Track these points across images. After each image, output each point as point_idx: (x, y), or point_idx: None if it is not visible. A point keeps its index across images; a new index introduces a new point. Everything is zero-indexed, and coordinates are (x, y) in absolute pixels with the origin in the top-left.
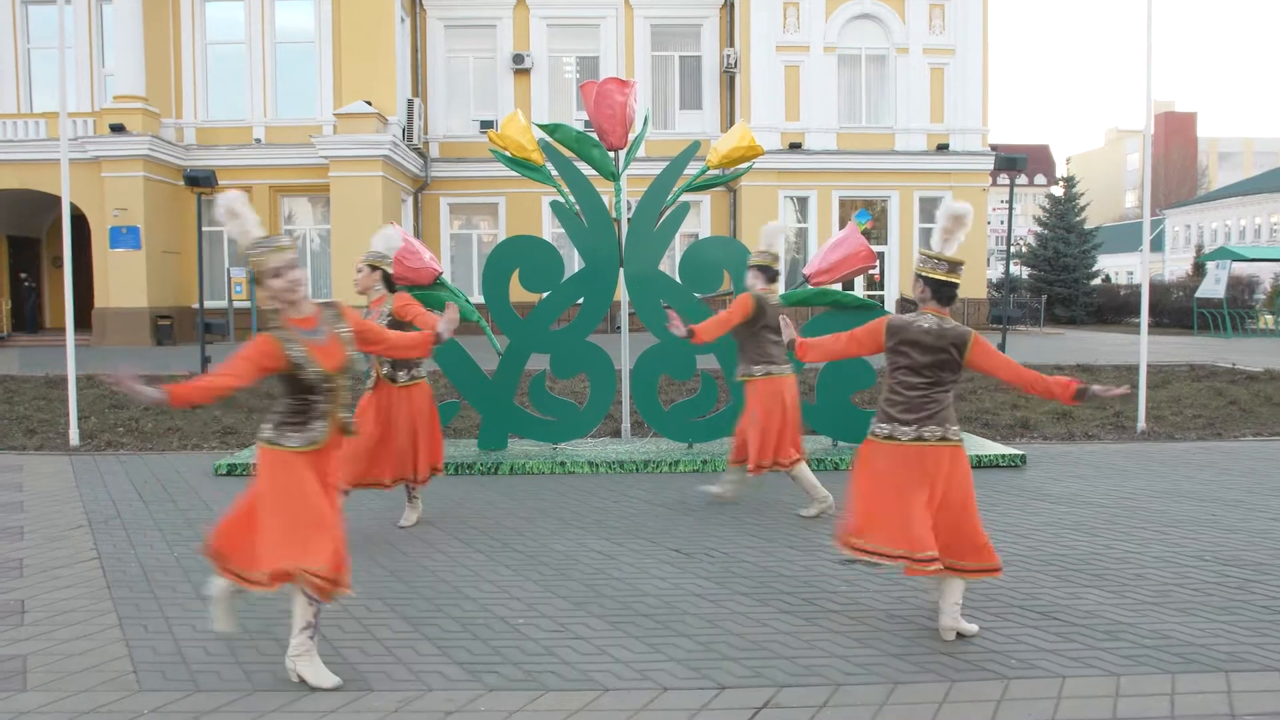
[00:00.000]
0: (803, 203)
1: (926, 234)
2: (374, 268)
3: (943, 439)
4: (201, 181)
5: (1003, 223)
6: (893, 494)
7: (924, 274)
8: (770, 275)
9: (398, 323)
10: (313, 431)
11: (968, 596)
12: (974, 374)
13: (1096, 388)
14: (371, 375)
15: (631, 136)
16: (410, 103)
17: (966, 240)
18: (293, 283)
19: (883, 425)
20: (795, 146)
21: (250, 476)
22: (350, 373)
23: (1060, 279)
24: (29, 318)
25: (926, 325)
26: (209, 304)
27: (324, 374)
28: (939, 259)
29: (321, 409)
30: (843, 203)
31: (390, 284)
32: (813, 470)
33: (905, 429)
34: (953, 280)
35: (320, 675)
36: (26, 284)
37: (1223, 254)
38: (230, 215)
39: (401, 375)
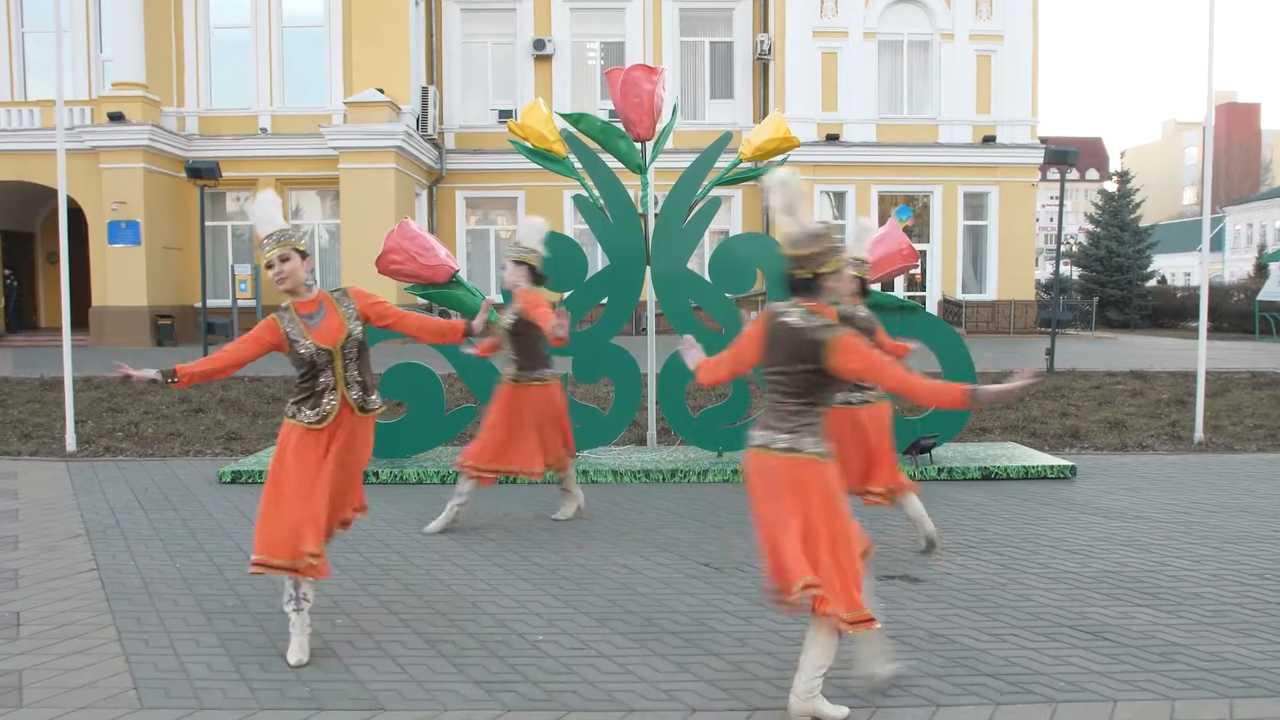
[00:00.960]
0: (840, 198)
1: (971, 231)
2: (519, 263)
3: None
4: (204, 173)
5: (1052, 220)
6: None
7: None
8: (535, 275)
9: (525, 321)
10: (324, 406)
11: (1010, 616)
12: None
13: (989, 388)
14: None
15: (659, 127)
16: (425, 91)
17: (1014, 238)
18: (279, 275)
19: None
20: (832, 138)
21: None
22: (350, 348)
23: (1113, 280)
24: (11, 315)
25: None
26: (212, 303)
27: (318, 348)
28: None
29: (327, 383)
30: (882, 198)
31: (537, 279)
32: None
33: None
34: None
35: (294, 649)
36: (9, 281)
37: None
38: (265, 212)
39: (525, 376)
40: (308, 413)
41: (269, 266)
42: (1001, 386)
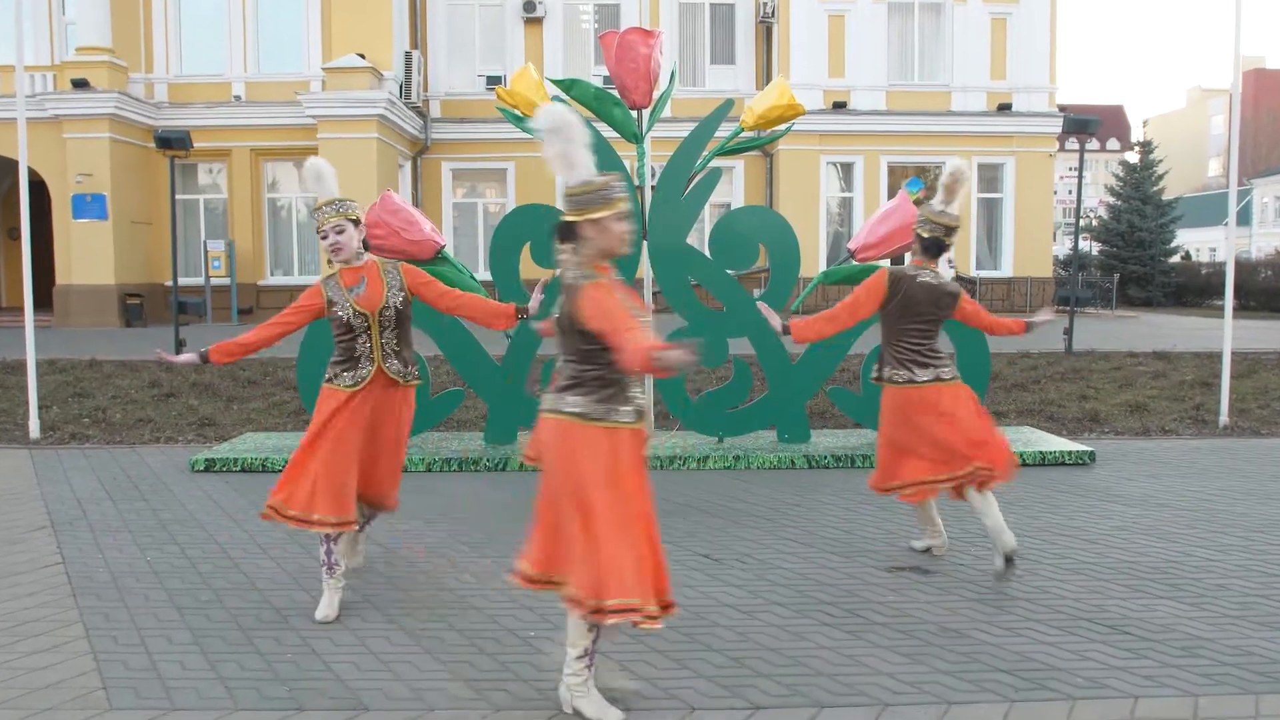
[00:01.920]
0: (848, 169)
1: (986, 204)
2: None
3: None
4: (175, 143)
5: (1071, 193)
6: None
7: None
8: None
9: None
10: (360, 371)
11: (1026, 609)
12: (1036, 362)
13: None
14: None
15: (656, 94)
16: (408, 56)
17: (1031, 212)
18: (335, 246)
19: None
20: (840, 106)
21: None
22: (388, 315)
23: (1135, 256)
24: None
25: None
26: (183, 281)
27: (355, 311)
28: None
29: (364, 348)
30: (892, 169)
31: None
32: (837, 467)
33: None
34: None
35: (322, 604)
36: None
37: None
38: (317, 179)
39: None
40: (345, 376)
41: (323, 237)
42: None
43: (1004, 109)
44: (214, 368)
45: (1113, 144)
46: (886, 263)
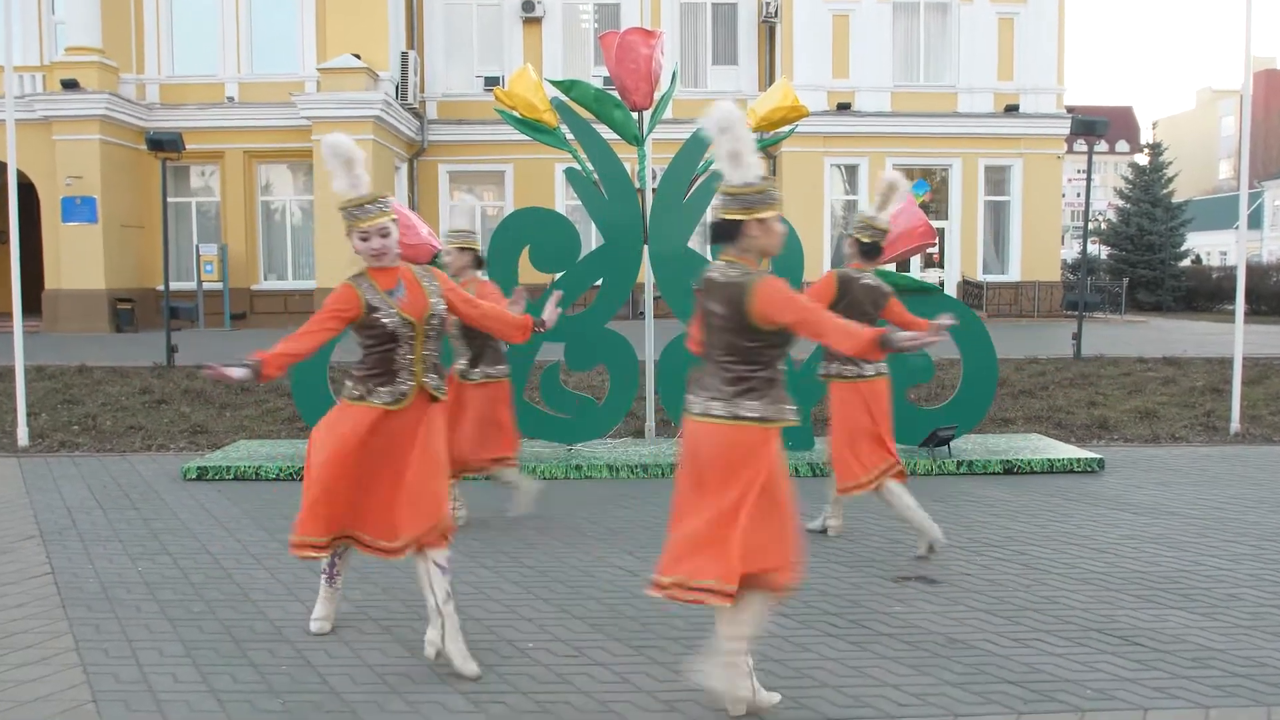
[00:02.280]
0: (852, 171)
1: (993, 207)
2: (464, 249)
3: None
4: (166, 145)
5: (1079, 195)
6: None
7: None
8: (479, 260)
9: None
10: (401, 385)
11: (1034, 619)
12: (1044, 368)
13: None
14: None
15: (658, 95)
16: (405, 56)
17: (1038, 215)
18: (380, 249)
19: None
20: (844, 107)
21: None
22: (434, 324)
23: (1144, 260)
24: None
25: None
26: (175, 285)
27: (403, 319)
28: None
29: (405, 361)
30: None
31: (480, 264)
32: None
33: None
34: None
35: (315, 614)
36: None
37: None
38: (346, 165)
39: (474, 373)
40: (382, 392)
41: (363, 238)
42: (910, 334)
43: (1011, 110)
44: (260, 384)
45: (1122, 146)
46: (892, 266)
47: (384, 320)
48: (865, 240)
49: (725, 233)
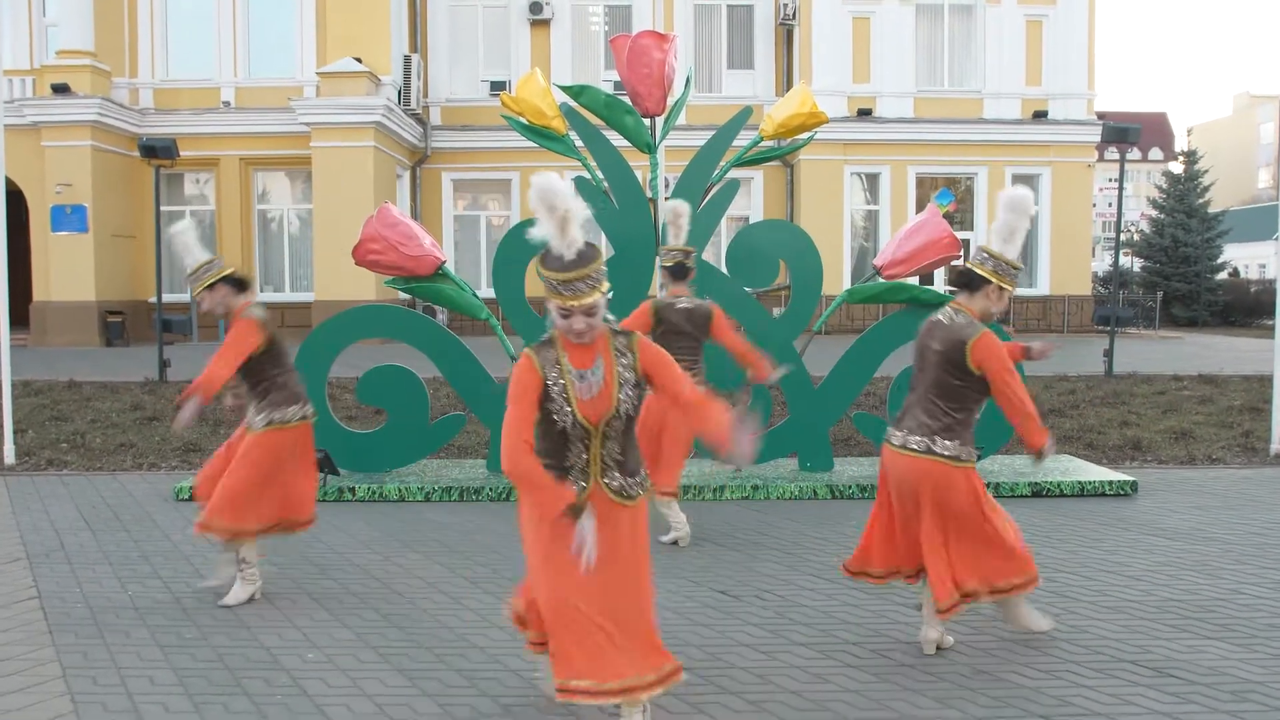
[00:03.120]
0: (873, 180)
1: None
2: (228, 280)
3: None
4: (160, 152)
5: (1111, 205)
6: None
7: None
8: (241, 285)
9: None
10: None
11: (1064, 650)
12: (1074, 385)
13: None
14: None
15: (671, 101)
16: (408, 60)
17: (1068, 226)
18: (578, 332)
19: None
20: (865, 113)
21: None
22: (616, 425)
23: (1179, 273)
24: None
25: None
26: (168, 298)
27: (575, 421)
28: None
29: (577, 462)
30: (921, 180)
31: (242, 286)
32: None
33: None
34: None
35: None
36: None
37: None
38: (560, 224)
39: (259, 420)
40: None
41: (566, 315)
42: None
43: (1039, 116)
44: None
45: (1155, 154)
46: (915, 280)
47: (554, 418)
48: (668, 264)
49: (970, 283)
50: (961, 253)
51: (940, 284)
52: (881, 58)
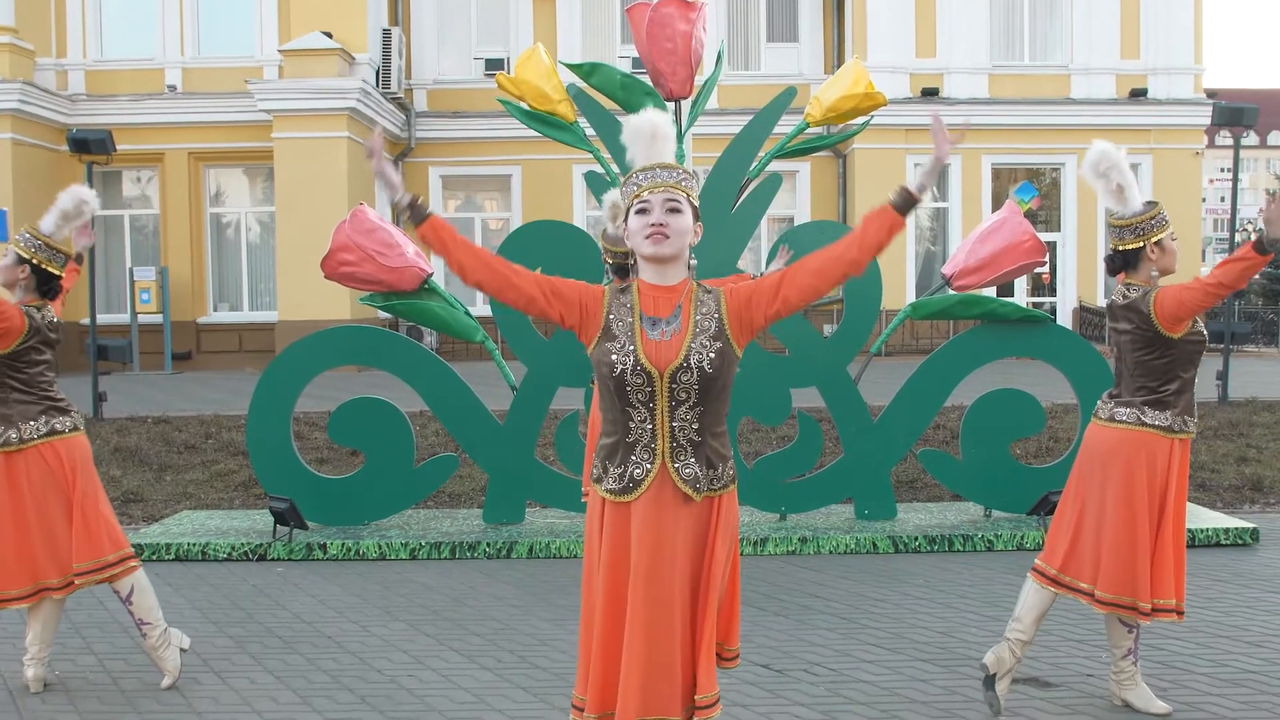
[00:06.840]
0: (941, 173)
1: None
2: (23, 259)
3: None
4: (93, 146)
5: (1223, 199)
6: None
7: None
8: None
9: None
10: (631, 467)
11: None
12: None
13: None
14: None
15: (699, 81)
16: (387, 34)
17: (1173, 225)
18: (664, 225)
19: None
20: (930, 93)
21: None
22: (686, 380)
23: None
24: None
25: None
26: (104, 319)
27: (636, 362)
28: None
29: (642, 432)
30: (997, 172)
31: (46, 286)
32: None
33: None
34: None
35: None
36: None
37: None
38: (651, 138)
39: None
40: (611, 474)
41: (641, 210)
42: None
43: (1137, 96)
44: (416, 236)
45: (1275, 138)
46: (992, 291)
47: (614, 359)
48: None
49: (1125, 262)
50: (1046, 258)
51: (1022, 295)
52: (950, 28)
